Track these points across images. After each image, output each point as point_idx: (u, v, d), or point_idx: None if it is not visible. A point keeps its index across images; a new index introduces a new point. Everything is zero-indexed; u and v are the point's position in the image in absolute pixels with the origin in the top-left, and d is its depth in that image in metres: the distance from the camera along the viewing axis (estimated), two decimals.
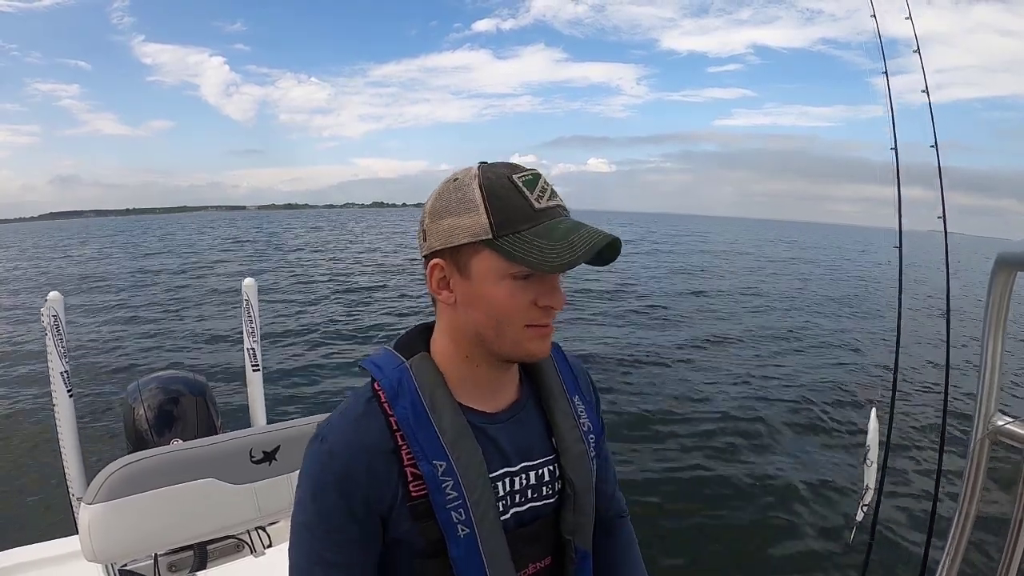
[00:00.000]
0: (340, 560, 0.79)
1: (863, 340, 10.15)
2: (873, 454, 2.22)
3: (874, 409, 2.27)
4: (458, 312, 0.80)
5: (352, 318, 12.12)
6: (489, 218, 0.74)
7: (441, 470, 0.77)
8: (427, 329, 0.89)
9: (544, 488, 0.88)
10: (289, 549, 0.82)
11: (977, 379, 0.85)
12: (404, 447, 0.78)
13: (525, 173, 0.77)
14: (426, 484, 0.77)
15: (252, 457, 1.62)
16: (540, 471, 0.88)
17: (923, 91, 2.56)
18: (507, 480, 0.85)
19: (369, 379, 0.84)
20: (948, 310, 2.49)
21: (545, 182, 0.78)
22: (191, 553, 2.25)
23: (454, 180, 0.79)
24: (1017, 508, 0.78)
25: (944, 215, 2.55)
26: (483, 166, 0.79)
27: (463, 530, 0.78)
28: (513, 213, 0.74)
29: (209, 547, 2.28)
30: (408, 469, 0.78)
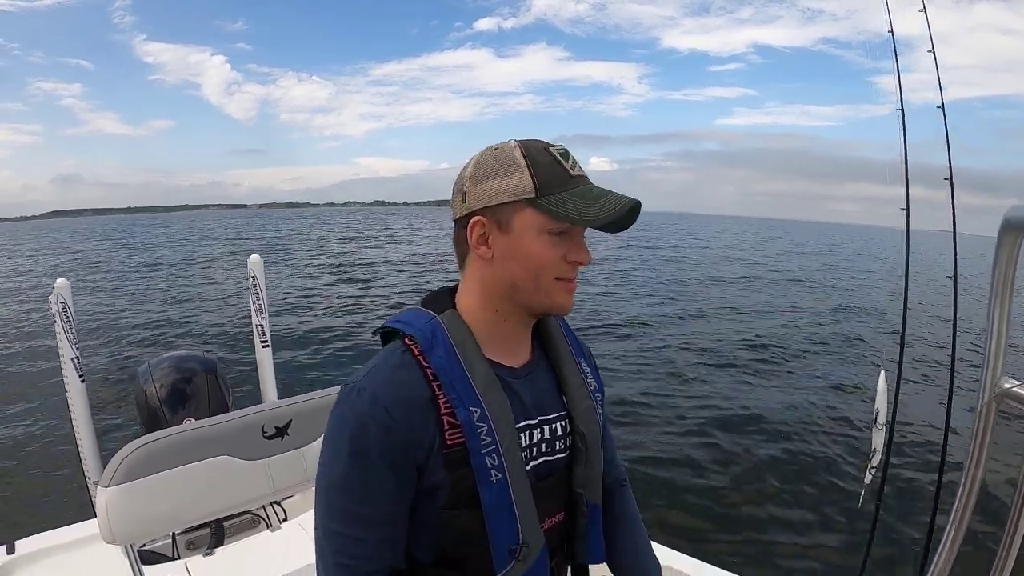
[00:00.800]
0: (379, 515, 0.82)
1: (870, 309, 10.13)
2: (882, 417, 2.23)
3: (883, 372, 2.28)
4: (494, 266, 0.85)
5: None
6: (533, 179, 0.81)
7: (476, 416, 0.81)
8: (451, 290, 0.94)
9: (557, 443, 0.93)
10: (317, 514, 0.84)
11: (984, 343, 0.85)
12: (441, 396, 0.81)
13: (558, 147, 0.85)
14: (463, 430, 0.80)
15: (264, 433, 1.63)
16: (554, 426, 0.93)
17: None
18: (527, 432, 0.89)
19: (392, 343, 0.87)
20: (955, 274, 2.48)
21: (574, 157, 0.86)
22: (208, 530, 2.28)
23: (494, 149, 0.85)
24: (1023, 470, 0.78)
25: (952, 184, 2.54)
26: (518, 140, 0.85)
27: (496, 475, 0.82)
28: (554, 177, 0.82)
29: (226, 523, 2.32)
30: (444, 417, 0.81)
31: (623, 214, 0.82)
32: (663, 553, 1.12)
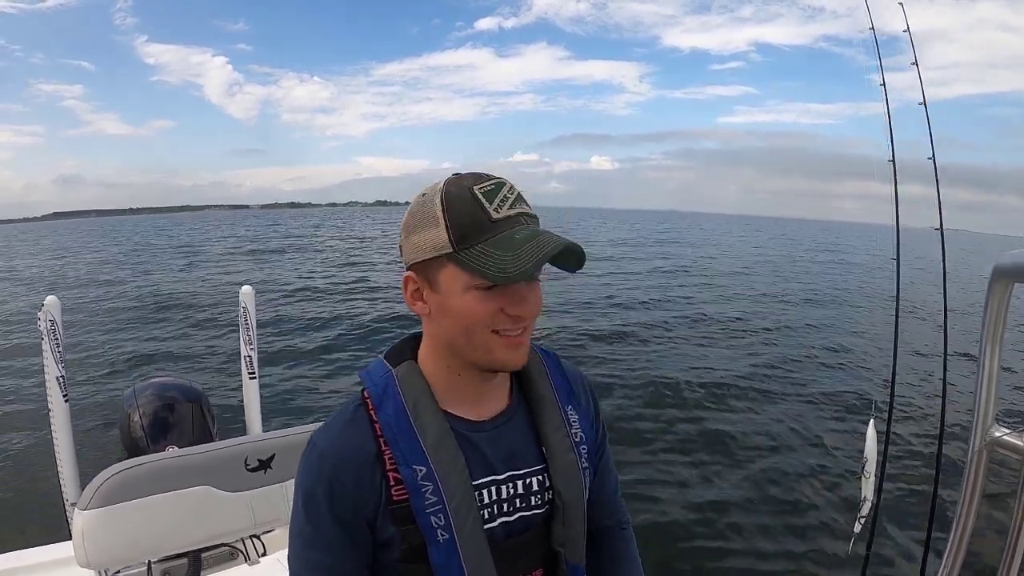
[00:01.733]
0: (335, 564, 0.81)
1: (861, 351, 10.15)
2: (871, 465, 2.22)
3: (872, 420, 2.27)
4: (433, 322, 0.83)
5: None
6: (448, 232, 0.75)
7: (421, 475, 0.79)
8: (416, 338, 0.90)
9: (533, 498, 0.88)
10: (288, 556, 0.85)
11: (975, 390, 0.85)
12: (387, 452, 0.80)
13: (488, 183, 0.77)
14: (406, 488, 0.79)
15: (247, 465, 1.62)
16: (528, 480, 0.88)
17: (920, 104, 2.58)
18: (493, 488, 0.85)
19: (354, 395, 0.87)
20: (945, 324, 2.50)
21: (509, 190, 0.78)
22: (185, 561, 2.23)
23: (423, 195, 0.81)
24: (1015, 518, 0.77)
25: (942, 226, 2.56)
26: (449, 179, 0.80)
27: (443, 535, 0.79)
28: (470, 226, 0.75)
29: (203, 555, 2.26)
30: (391, 474, 0.80)
31: (544, 262, 0.74)
32: None
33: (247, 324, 2.84)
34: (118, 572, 2.14)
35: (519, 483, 0.87)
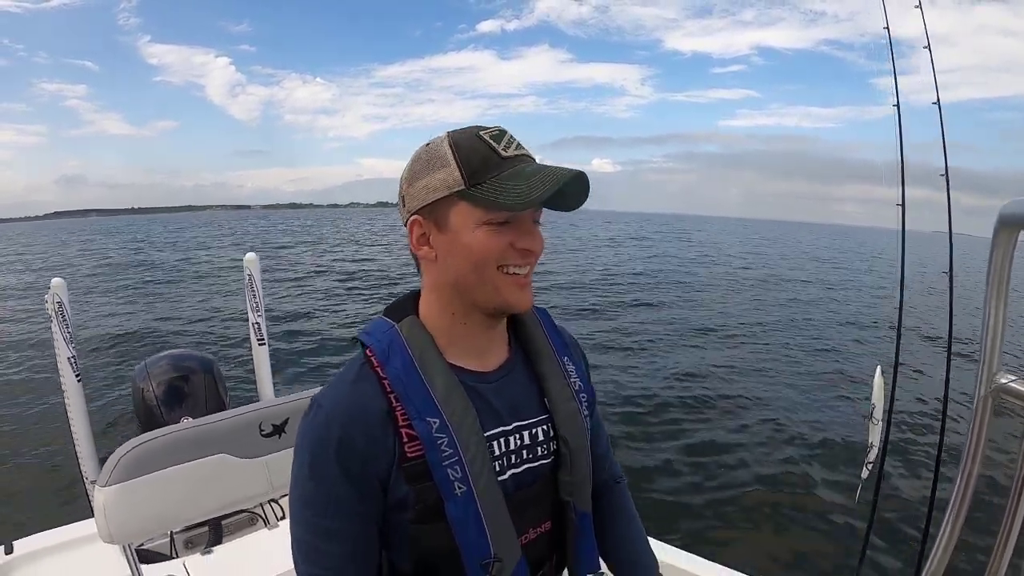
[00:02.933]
0: (342, 528, 0.79)
1: (868, 299, 10.15)
2: (878, 412, 2.23)
3: (879, 367, 2.28)
4: (439, 266, 0.82)
5: None
6: (461, 170, 0.77)
7: (435, 427, 0.78)
8: (414, 296, 0.90)
9: (539, 448, 0.89)
10: (290, 525, 0.83)
11: (980, 338, 0.85)
12: (399, 408, 0.79)
13: (491, 129, 0.80)
14: (421, 442, 0.78)
15: (262, 431, 1.63)
16: (534, 431, 0.89)
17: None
18: (502, 440, 0.85)
19: (357, 353, 0.86)
20: (951, 269, 2.49)
21: (511, 136, 0.80)
22: (206, 529, 2.28)
23: (426, 146, 0.82)
24: (1020, 464, 0.78)
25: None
26: (452, 131, 0.81)
27: (460, 488, 0.78)
28: (482, 163, 0.77)
29: (224, 522, 2.32)
30: (403, 430, 0.78)
31: (563, 186, 0.76)
32: (658, 548, 1.11)
33: (253, 291, 2.85)
34: (142, 545, 2.19)
35: (525, 433, 0.88)
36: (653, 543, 1.11)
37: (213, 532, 2.28)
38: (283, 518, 2.38)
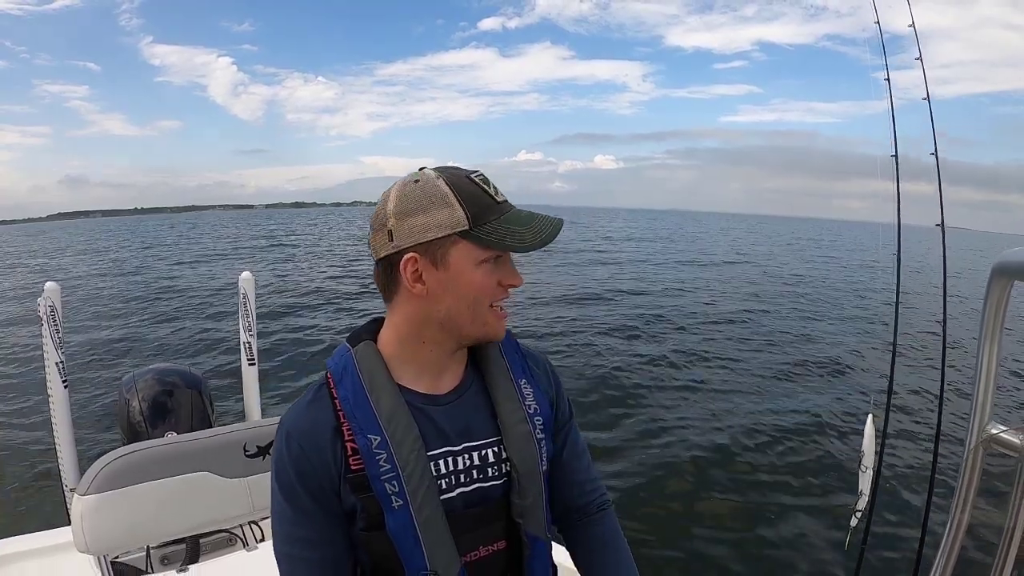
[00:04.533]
0: (314, 536, 0.87)
1: (860, 348, 10.15)
2: (868, 460, 2.22)
3: (870, 415, 2.28)
4: (427, 301, 0.86)
5: None
6: (465, 211, 0.82)
7: (375, 443, 0.84)
8: (376, 321, 0.96)
9: (490, 469, 0.92)
10: (273, 540, 0.91)
11: (972, 387, 0.85)
12: (345, 424, 0.85)
13: (476, 173, 0.87)
14: (362, 457, 0.84)
15: (246, 451, 1.62)
16: (484, 452, 0.92)
17: (924, 98, 2.56)
18: (449, 459, 0.89)
19: (320, 376, 0.93)
20: (944, 321, 2.50)
21: (491, 181, 0.87)
22: (184, 546, 2.24)
23: (415, 182, 0.85)
24: (1010, 516, 0.78)
25: (943, 226, 2.56)
26: (433, 169, 0.87)
27: (397, 502, 0.83)
28: (483, 206, 0.84)
29: (202, 540, 2.28)
30: (348, 444, 0.85)
31: (554, 235, 0.85)
32: None
33: (247, 311, 2.84)
34: (117, 557, 2.15)
35: (475, 454, 0.91)
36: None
37: (190, 550, 2.24)
38: (263, 540, 2.34)
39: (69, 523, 1.43)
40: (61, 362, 2.37)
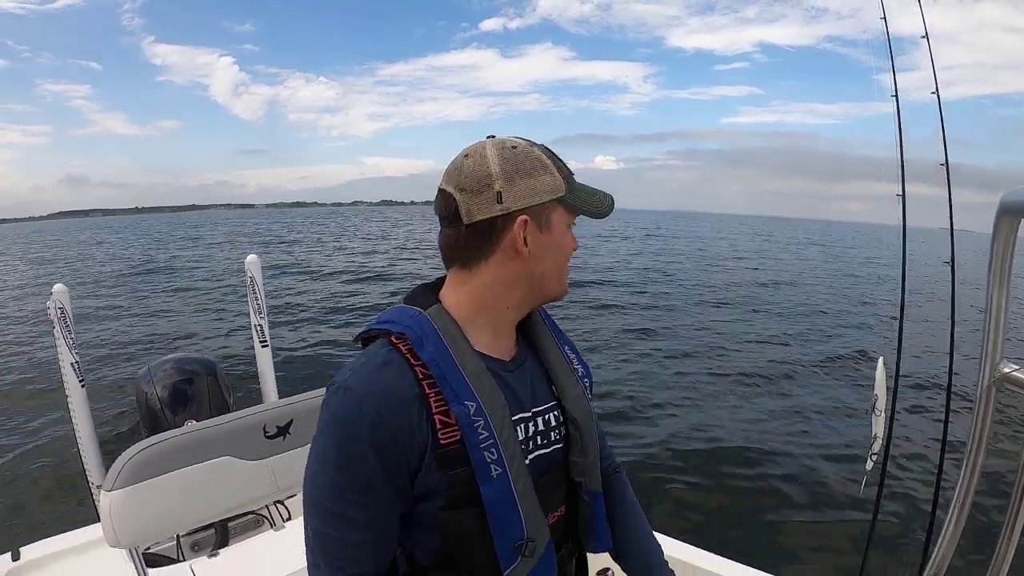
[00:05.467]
0: (365, 518, 0.78)
1: (868, 289, 10.13)
2: (881, 403, 2.23)
3: (881, 359, 2.27)
4: (523, 263, 0.85)
5: None
6: (563, 178, 0.86)
7: (472, 410, 0.78)
8: (431, 286, 0.92)
9: (552, 434, 0.92)
10: (305, 514, 0.81)
11: (982, 328, 0.85)
12: (431, 394, 0.78)
13: (539, 144, 0.88)
14: (459, 426, 0.78)
15: (266, 432, 1.64)
16: (547, 416, 0.92)
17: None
18: (523, 425, 0.88)
19: (376, 342, 0.84)
20: (952, 258, 2.48)
21: None
22: (213, 531, 2.29)
23: (512, 147, 0.84)
24: None
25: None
26: (515, 138, 0.87)
27: (496, 470, 0.79)
28: (568, 175, 0.88)
29: (230, 524, 2.32)
30: (437, 416, 0.78)
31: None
32: (661, 541, 1.11)
33: (255, 293, 2.85)
34: (148, 548, 2.20)
35: (539, 419, 0.91)
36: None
37: (220, 534, 2.28)
38: (289, 519, 2.38)
39: (98, 520, 1.45)
40: (76, 363, 2.39)
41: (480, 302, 0.87)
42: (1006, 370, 0.83)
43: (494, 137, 0.87)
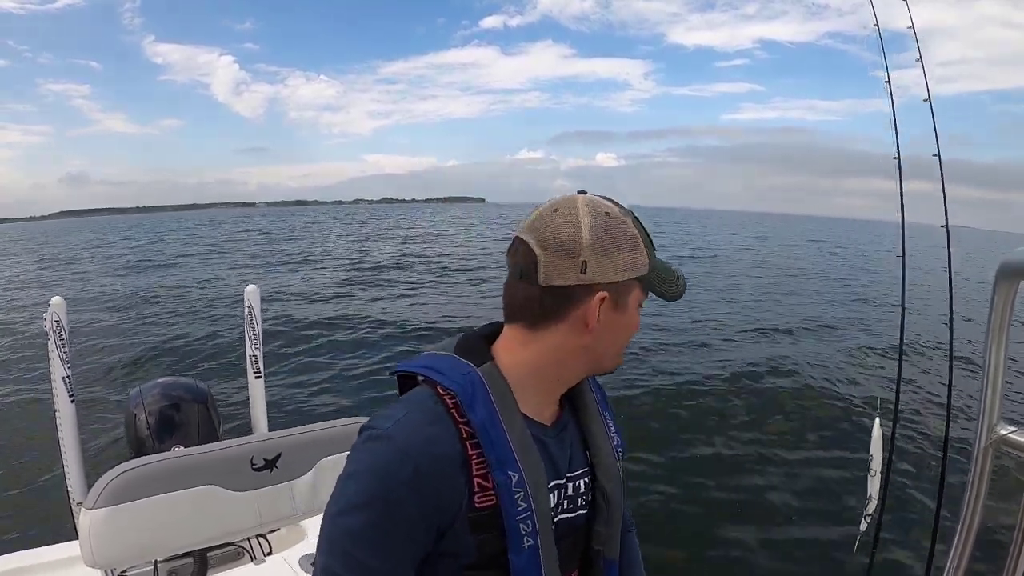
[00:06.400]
0: (384, 568, 0.75)
1: (867, 350, 10.10)
2: (876, 464, 2.21)
3: (877, 419, 2.27)
4: (588, 337, 0.82)
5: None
6: (649, 256, 0.83)
7: (514, 481, 0.77)
8: (485, 337, 0.89)
9: (580, 499, 0.91)
10: (320, 553, 0.78)
11: (980, 388, 0.85)
12: (474, 455, 0.77)
13: (626, 208, 0.85)
14: (497, 494, 0.77)
15: (253, 464, 1.62)
16: (577, 483, 0.90)
17: (925, 100, 2.56)
18: (556, 491, 0.87)
19: (421, 390, 0.83)
20: (951, 321, 2.49)
21: None
22: (191, 560, 2.24)
23: (606, 214, 0.81)
24: (1021, 517, 0.77)
25: (947, 224, 2.55)
26: (607, 201, 0.83)
27: (528, 542, 0.78)
28: (651, 252, 0.84)
29: (209, 554, 2.27)
30: (476, 479, 0.77)
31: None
32: None
33: (252, 323, 2.84)
34: (124, 571, 2.15)
35: (570, 486, 0.89)
36: None
37: (198, 564, 2.24)
38: (270, 553, 2.33)
39: (77, 537, 1.43)
40: (68, 377, 2.38)
41: (537, 367, 0.84)
42: (1003, 432, 0.83)
43: (586, 194, 0.83)
